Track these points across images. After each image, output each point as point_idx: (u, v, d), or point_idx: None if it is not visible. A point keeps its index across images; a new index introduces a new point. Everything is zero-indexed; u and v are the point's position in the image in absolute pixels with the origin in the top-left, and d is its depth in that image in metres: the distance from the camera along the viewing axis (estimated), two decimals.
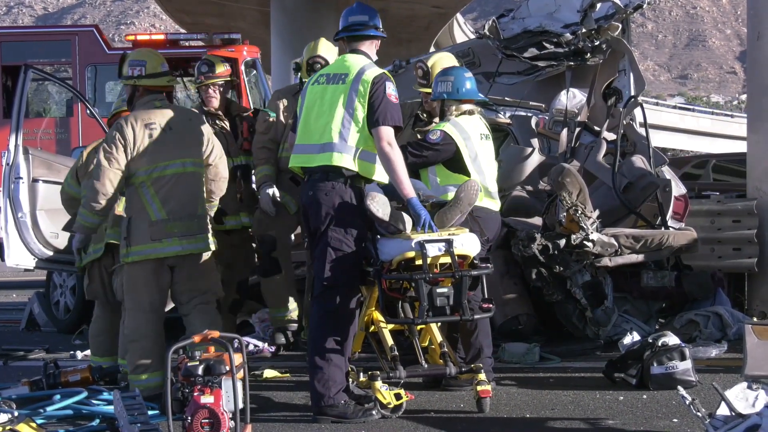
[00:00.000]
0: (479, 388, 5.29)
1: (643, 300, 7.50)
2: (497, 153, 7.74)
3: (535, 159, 8.19)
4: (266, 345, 7.37)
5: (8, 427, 4.61)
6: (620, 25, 8.01)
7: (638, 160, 7.54)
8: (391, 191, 5.45)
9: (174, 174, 5.83)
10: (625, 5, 7.77)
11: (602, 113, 8.06)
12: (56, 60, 13.84)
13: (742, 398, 4.25)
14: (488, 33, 8.38)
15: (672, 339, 5.93)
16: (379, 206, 5.18)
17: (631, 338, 6.12)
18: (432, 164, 5.94)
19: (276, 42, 20.15)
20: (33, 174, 8.18)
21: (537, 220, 7.40)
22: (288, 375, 6.51)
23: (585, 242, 6.81)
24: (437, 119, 6.26)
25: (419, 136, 6.32)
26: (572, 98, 8.16)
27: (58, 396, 5.48)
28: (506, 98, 8.54)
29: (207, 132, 6.09)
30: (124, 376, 5.91)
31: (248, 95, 12.50)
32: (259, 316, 7.80)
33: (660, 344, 5.85)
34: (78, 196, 6.36)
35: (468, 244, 5.35)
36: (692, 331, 7.27)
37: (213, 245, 5.98)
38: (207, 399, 4.37)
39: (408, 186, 5.28)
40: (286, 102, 7.07)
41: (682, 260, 7.60)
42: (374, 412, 5.19)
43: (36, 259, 8.21)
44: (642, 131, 7.90)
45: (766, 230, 8.36)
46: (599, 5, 7.84)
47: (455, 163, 5.92)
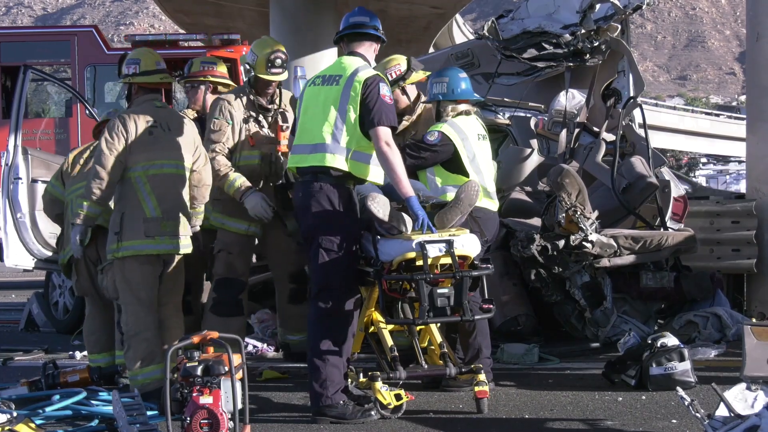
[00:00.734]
0: (478, 389, 5.29)
1: (642, 301, 7.50)
2: (496, 154, 7.76)
3: (534, 160, 8.19)
4: (265, 345, 7.37)
5: (7, 428, 4.61)
6: (619, 26, 8.01)
7: (637, 161, 7.53)
8: (391, 191, 5.44)
9: (170, 174, 5.90)
10: (624, 6, 7.76)
11: (601, 114, 8.06)
12: (55, 60, 13.79)
13: (741, 399, 4.26)
14: (487, 34, 8.37)
15: (671, 340, 5.93)
16: (380, 207, 5.19)
17: (630, 338, 6.12)
18: (430, 165, 5.94)
19: None
20: (32, 174, 8.16)
21: (536, 221, 7.40)
22: (287, 376, 6.51)
23: (584, 243, 6.81)
24: (408, 117, 6.31)
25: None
26: (571, 99, 8.16)
27: (57, 396, 5.48)
28: (505, 99, 8.54)
29: (198, 139, 6.17)
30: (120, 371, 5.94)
31: None
32: (258, 317, 7.80)
33: (659, 345, 5.85)
34: (61, 198, 6.44)
35: (468, 245, 5.35)
36: (691, 332, 7.26)
37: (190, 249, 6.06)
38: (206, 399, 4.37)
39: (407, 185, 5.28)
40: (228, 104, 6.57)
41: (681, 261, 7.60)
42: (373, 413, 5.19)
43: (35, 260, 8.20)
44: (641, 132, 7.90)
45: (765, 231, 8.37)
46: (598, 6, 7.84)
47: (453, 164, 5.91)
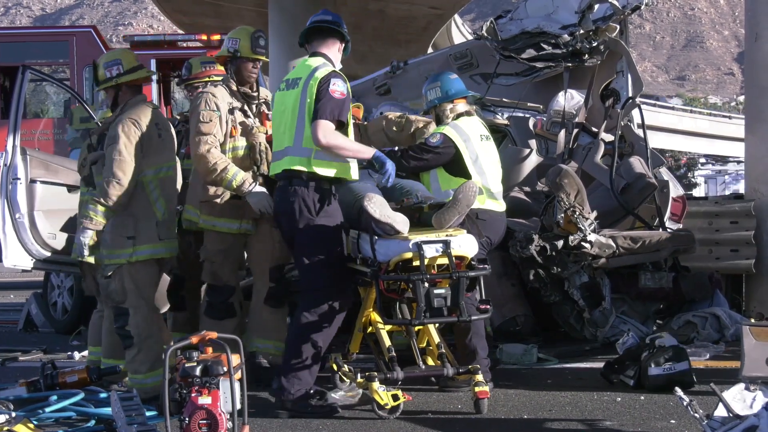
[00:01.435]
0: (477, 389, 5.29)
1: (641, 301, 7.50)
2: None
3: (533, 160, 8.20)
4: None
5: (6, 428, 4.61)
6: (618, 26, 8.01)
7: (636, 162, 7.54)
8: (389, 192, 5.44)
9: (171, 176, 5.92)
10: (623, 6, 7.76)
11: (600, 114, 8.07)
12: (54, 60, 13.79)
13: (740, 399, 4.25)
14: (486, 34, 8.38)
15: (669, 340, 5.93)
16: (376, 207, 5.18)
17: (628, 339, 6.12)
18: (433, 167, 5.97)
19: (274, 42, 20.10)
20: (31, 175, 8.14)
21: (535, 221, 7.40)
22: None
23: (582, 243, 6.81)
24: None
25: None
26: (570, 99, 8.17)
27: (55, 397, 5.47)
28: (504, 99, 8.55)
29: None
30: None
31: None
32: None
33: (657, 345, 5.85)
34: None
35: (466, 245, 5.34)
36: (690, 333, 7.27)
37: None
38: (204, 400, 4.37)
39: (364, 150, 5.42)
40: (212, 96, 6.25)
41: (680, 261, 7.60)
42: (338, 404, 5.34)
43: (33, 260, 8.19)
44: (640, 132, 7.90)
45: (764, 231, 8.38)
46: (597, 6, 7.84)
47: (456, 166, 5.93)
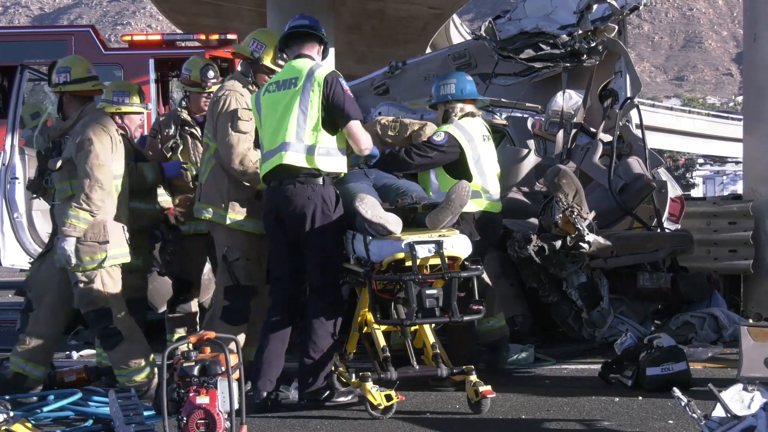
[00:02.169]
0: (482, 389, 5.27)
1: (639, 301, 7.51)
2: None
3: (531, 160, 8.20)
4: None
5: (4, 428, 4.61)
6: (616, 27, 8.01)
7: (634, 162, 7.54)
8: (385, 192, 5.44)
9: (125, 183, 5.94)
10: (622, 6, 7.77)
11: (598, 115, 8.07)
12: (52, 60, 13.78)
13: (738, 400, 4.26)
14: (485, 34, 8.38)
15: (668, 340, 5.94)
16: (368, 208, 5.18)
17: (626, 339, 6.13)
18: (437, 165, 6.02)
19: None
20: (29, 174, 8.16)
21: (533, 222, 7.40)
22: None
23: (581, 243, 6.81)
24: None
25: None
26: (568, 99, 8.16)
27: (52, 396, 5.47)
28: (502, 99, 8.54)
29: None
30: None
31: None
32: None
33: (656, 346, 5.85)
34: None
35: (458, 246, 5.34)
36: (688, 333, 7.28)
37: None
38: (202, 399, 4.37)
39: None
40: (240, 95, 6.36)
41: (678, 262, 7.60)
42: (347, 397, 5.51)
43: (32, 259, 8.19)
44: (638, 133, 7.90)
45: (762, 232, 8.38)
46: (595, 6, 7.84)
47: (458, 166, 5.94)
